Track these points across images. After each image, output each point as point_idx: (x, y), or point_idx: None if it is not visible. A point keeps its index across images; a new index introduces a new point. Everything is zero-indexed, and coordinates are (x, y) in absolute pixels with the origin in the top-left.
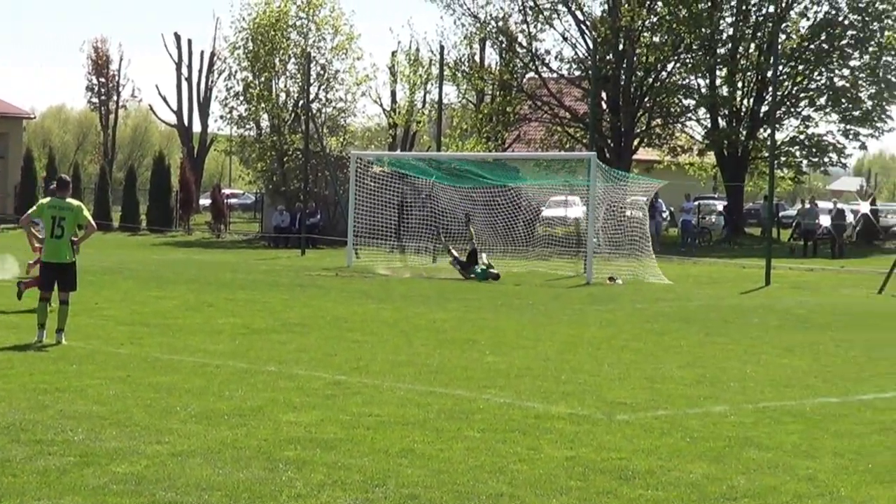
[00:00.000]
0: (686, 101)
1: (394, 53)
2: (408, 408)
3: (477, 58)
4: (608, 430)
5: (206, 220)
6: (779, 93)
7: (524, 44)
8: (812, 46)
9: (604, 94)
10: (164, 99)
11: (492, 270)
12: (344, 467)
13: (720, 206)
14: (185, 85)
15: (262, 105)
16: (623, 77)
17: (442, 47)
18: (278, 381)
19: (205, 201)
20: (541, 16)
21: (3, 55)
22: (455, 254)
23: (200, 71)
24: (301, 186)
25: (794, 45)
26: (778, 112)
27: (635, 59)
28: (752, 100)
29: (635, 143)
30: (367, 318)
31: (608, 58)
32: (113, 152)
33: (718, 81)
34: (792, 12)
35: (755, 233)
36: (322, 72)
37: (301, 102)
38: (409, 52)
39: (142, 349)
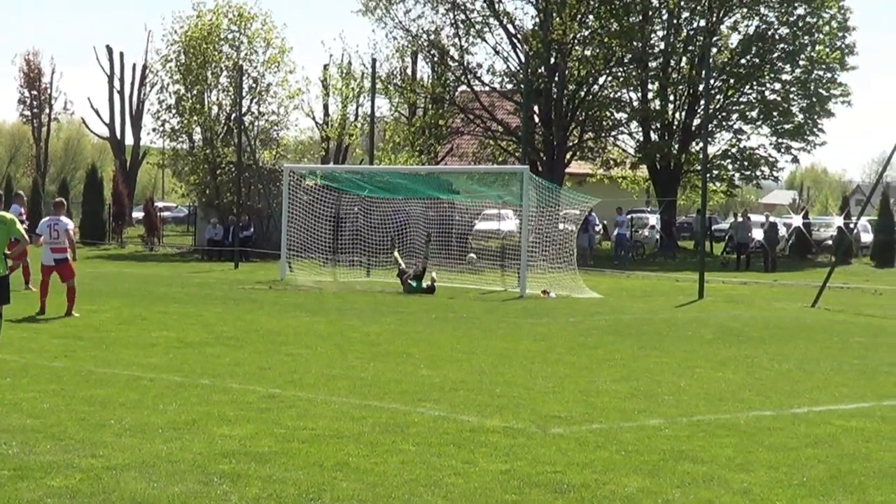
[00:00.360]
0: (618, 115)
1: (326, 66)
2: (342, 421)
3: (409, 71)
4: (543, 443)
5: (139, 233)
6: (710, 106)
7: (456, 57)
8: (743, 60)
9: (536, 108)
10: (97, 112)
11: (431, 284)
12: (279, 481)
13: (653, 219)
14: (117, 98)
15: (195, 118)
16: (555, 90)
17: (374, 60)
18: (212, 394)
19: (138, 214)
20: (472, 29)
21: None
22: (403, 265)
23: (133, 84)
24: (234, 199)
25: (726, 59)
26: (710, 125)
27: (567, 72)
28: (683, 113)
29: (568, 156)
30: (300, 332)
31: (540, 71)
32: (45, 165)
33: (650, 95)
34: (723, 26)
35: (688, 246)
36: (254, 85)
37: (233, 115)
38: (342, 65)
39: (75, 362)
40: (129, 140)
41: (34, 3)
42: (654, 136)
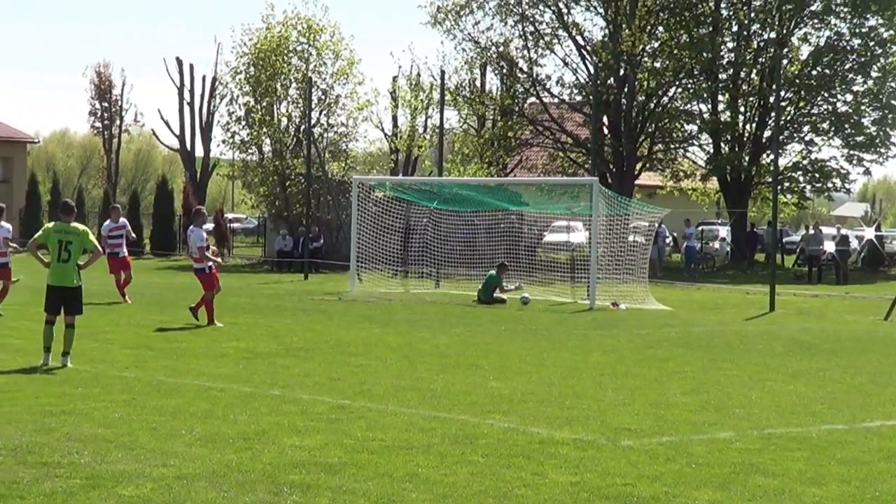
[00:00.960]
0: (688, 127)
1: (395, 78)
2: (412, 432)
3: (478, 83)
4: (613, 455)
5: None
6: (781, 118)
7: (525, 69)
8: (814, 72)
9: (605, 119)
10: (167, 123)
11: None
12: (349, 491)
13: (723, 231)
14: (187, 109)
15: (264, 129)
16: (625, 102)
17: (443, 72)
18: (282, 405)
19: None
20: (541, 41)
21: (8, 80)
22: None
23: (202, 95)
24: (303, 211)
25: (796, 71)
26: (780, 137)
27: (637, 83)
28: (754, 125)
29: (637, 167)
30: (370, 343)
31: (609, 82)
32: (116, 176)
33: (720, 106)
34: (793, 38)
35: (759, 258)
36: (323, 97)
37: (303, 127)
38: (411, 76)
39: (146, 373)
40: (199, 151)
41: (105, 16)
42: (724, 148)
